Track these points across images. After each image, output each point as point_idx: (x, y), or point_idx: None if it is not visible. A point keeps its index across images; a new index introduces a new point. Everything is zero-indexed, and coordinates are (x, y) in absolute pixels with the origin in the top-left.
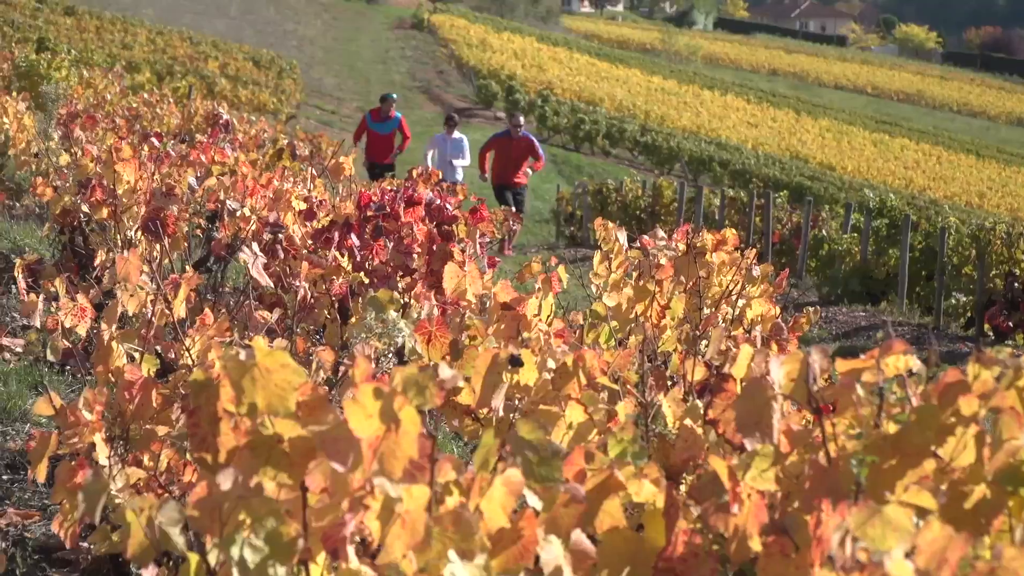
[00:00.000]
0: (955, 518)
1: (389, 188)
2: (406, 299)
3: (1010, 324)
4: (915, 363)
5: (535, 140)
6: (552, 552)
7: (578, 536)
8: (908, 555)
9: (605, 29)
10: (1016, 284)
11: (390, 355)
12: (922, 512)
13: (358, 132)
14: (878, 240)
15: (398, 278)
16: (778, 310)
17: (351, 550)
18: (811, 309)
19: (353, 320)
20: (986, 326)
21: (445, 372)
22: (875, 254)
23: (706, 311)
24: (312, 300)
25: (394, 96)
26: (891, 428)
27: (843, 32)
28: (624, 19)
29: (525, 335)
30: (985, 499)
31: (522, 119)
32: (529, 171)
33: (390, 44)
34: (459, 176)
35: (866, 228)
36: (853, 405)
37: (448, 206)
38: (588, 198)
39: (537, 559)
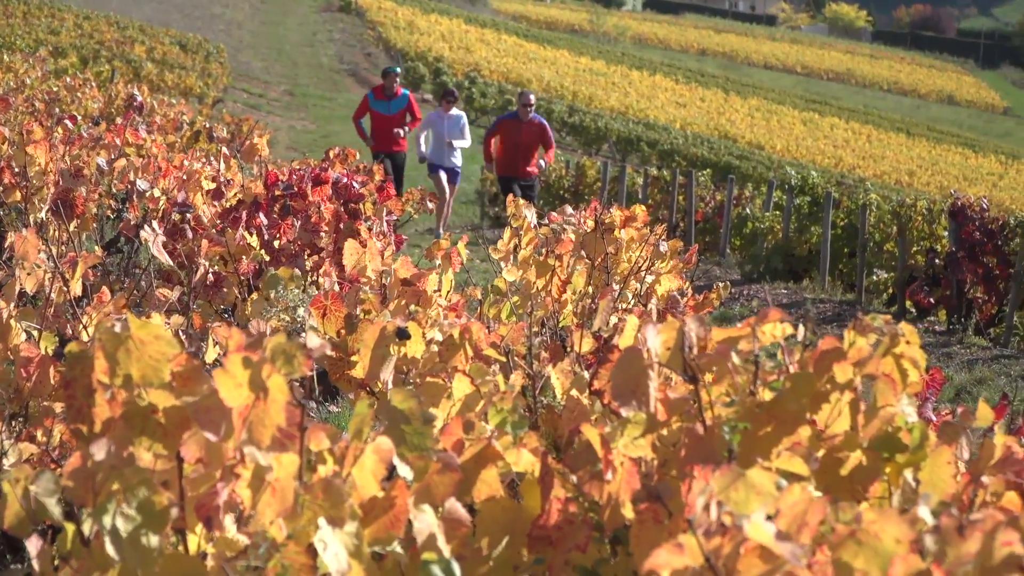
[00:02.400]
0: (831, 484)
1: (298, 167)
2: (315, 277)
3: (931, 300)
4: (791, 331)
5: (547, 124)
6: (425, 521)
7: (452, 505)
8: (772, 519)
9: (534, 10)
10: (937, 260)
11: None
12: (797, 478)
13: (359, 113)
14: (800, 218)
15: (306, 256)
16: (688, 285)
17: (229, 519)
18: (721, 284)
19: (253, 297)
20: (908, 302)
21: (313, 341)
22: (797, 232)
23: (615, 287)
24: (217, 279)
25: (397, 69)
26: (767, 395)
27: (773, 12)
28: (553, 0)
29: (412, 308)
30: (861, 465)
31: (532, 98)
32: (542, 163)
33: (318, 27)
34: (458, 159)
35: (788, 206)
36: (729, 373)
37: (355, 184)
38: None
39: (411, 527)
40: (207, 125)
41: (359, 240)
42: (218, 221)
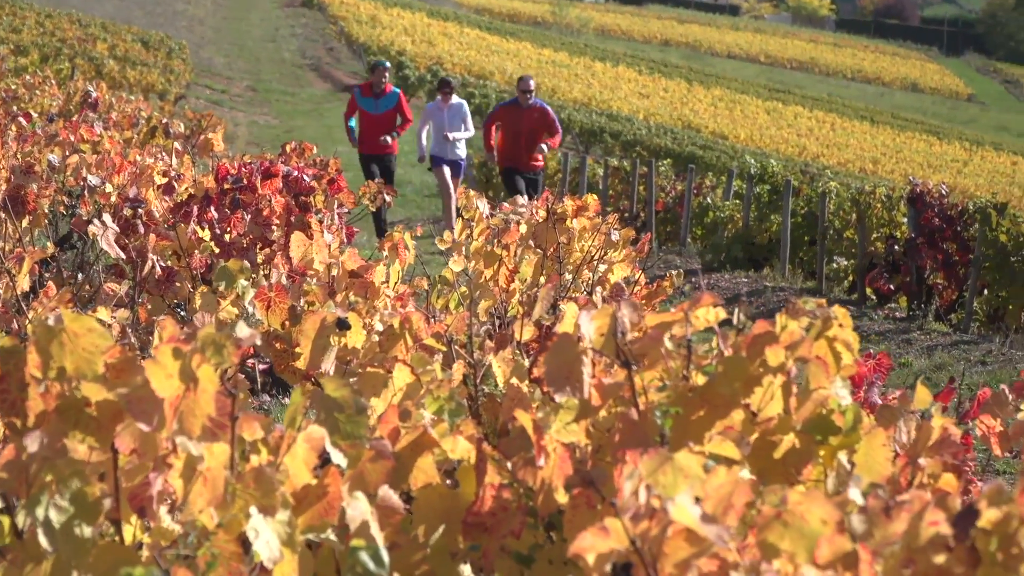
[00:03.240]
0: (765, 468)
1: (248, 161)
2: (267, 270)
3: (891, 287)
4: (724, 315)
5: (550, 109)
6: (358, 508)
7: (385, 492)
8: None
9: (496, 3)
10: (896, 247)
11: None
12: (729, 462)
13: (349, 112)
14: (760, 206)
15: (257, 249)
16: (640, 274)
17: (163, 509)
18: (674, 272)
19: (201, 290)
20: (868, 289)
21: (243, 331)
22: (757, 220)
23: (567, 276)
24: (169, 273)
25: (386, 63)
26: (701, 380)
27: (736, 1)
28: None
29: (352, 299)
30: (794, 448)
31: (532, 82)
32: (543, 147)
33: (280, 22)
34: (461, 152)
35: (748, 194)
36: (663, 358)
37: (305, 177)
38: (473, 171)
39: (346, 515)
40: (164, 121)
41: (309, 233)
42: (169, 216)
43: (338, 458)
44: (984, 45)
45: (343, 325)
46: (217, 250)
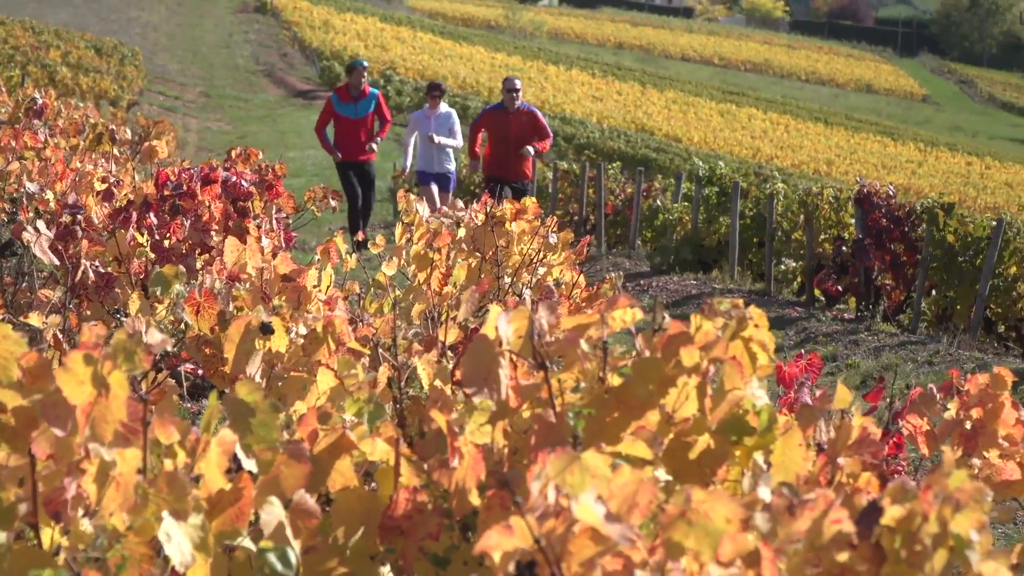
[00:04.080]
0: (680, 468)
1: (188, 167)
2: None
3: (839, 288)
4: (641, 316)
5: (538, 112)
6: (272, 512)
7: (301, 496)
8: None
9: (450, 7)
10: (844, 248)
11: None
12: (643, 463)
13: (322, 120)
14: (709, 208)
15: (197, 255)
16: (580, 276)
17: (79, 513)
18: (613, 275)
19: (136, 295)
20: (817, 291)
21: (153, 337)
22: (706, 222)
23: (507, 279)
24: (108, 279)
25: (364, 63)
26: (616, 381)
27: (690, 4)
28: None
29: (275, 303)
30: (709, 449)
31: (518, 83)
32: (530, 149)
33: (233, 28)
34: (450, 163)
35: (696, 196)
36: (579, 360)
37: (244, 183)
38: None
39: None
40: (110, 127)
41: (251, 238)
42: (108, 222)
43: (247, 463)
44: (938, 46)
45: (266, 329)
46: (156, 256)
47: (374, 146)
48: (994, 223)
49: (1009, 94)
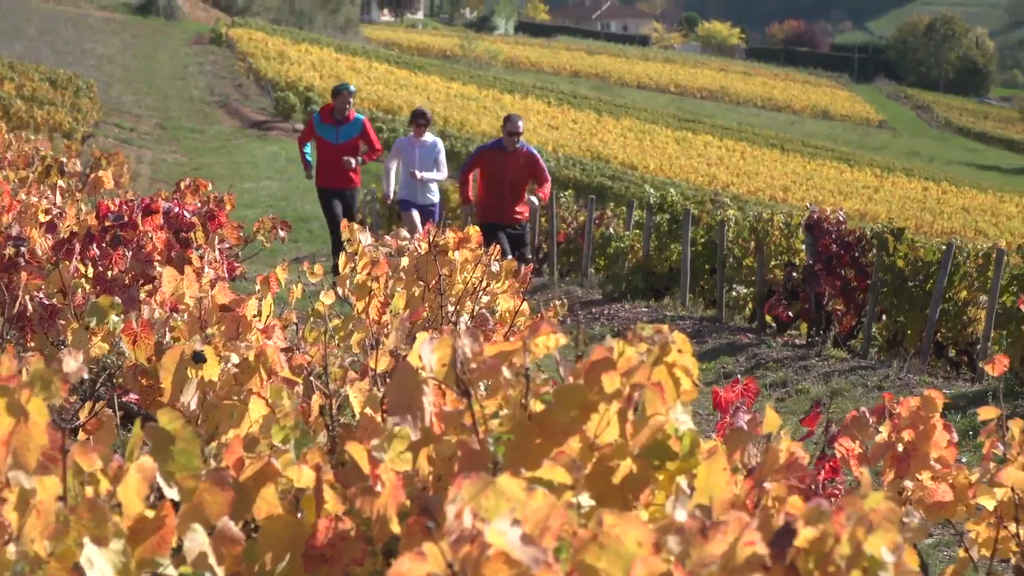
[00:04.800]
0: (603, 493)
1: (130, 198)
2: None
3: (790, 314)
4: (564, 342)
5: (537, 154)
6: (195, 539)
7: (224, 523)
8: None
9: (405, 37)
10: (795, 274)
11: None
12: (564, 488)
13: (304, 136)
14: (660, 236)
15: (140, 286)
16: (523, 303)
17: (1, 540)
18: (558, 302)
19: (73, 326)
20: (768, 317)
21: (70, 366)
22: (658, 250)
23: (450, 308)
24: (52, 310)
25: (351, 87)
26: (539, 407)
27: (645, 32)
28: (424, 27)
29: (208, 332)
30: (632, 474)
31: (521, 124)
32: (534, 200)
33: (189, 60)
34: (434, 195)
35: (647, 224)
36: (502, 386)
37: (186, 214)
38: (377, 205)
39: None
40: (60, 159)
41: (190, 268)
42: (52, 253)
43: (169, 491)
44: (895, 71)
45: (198, 358)
46: (97, 287)
47: (353, 162)
48: (944, 248)
49: (965, 119)
